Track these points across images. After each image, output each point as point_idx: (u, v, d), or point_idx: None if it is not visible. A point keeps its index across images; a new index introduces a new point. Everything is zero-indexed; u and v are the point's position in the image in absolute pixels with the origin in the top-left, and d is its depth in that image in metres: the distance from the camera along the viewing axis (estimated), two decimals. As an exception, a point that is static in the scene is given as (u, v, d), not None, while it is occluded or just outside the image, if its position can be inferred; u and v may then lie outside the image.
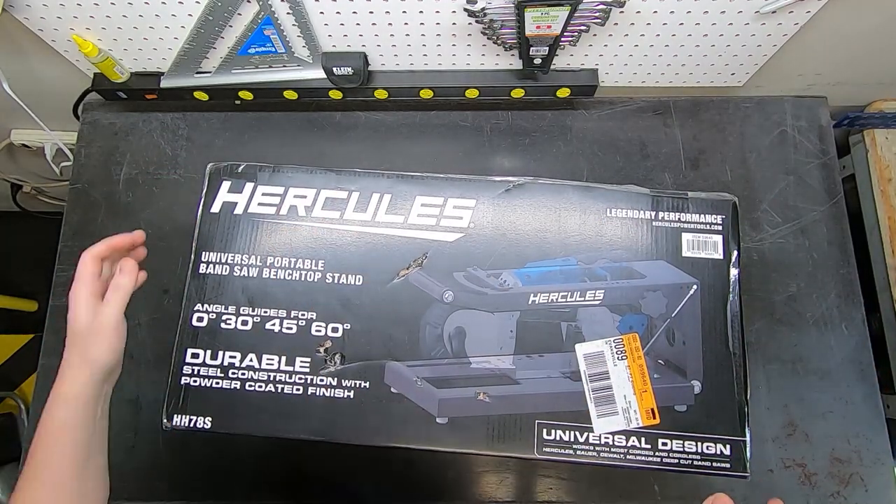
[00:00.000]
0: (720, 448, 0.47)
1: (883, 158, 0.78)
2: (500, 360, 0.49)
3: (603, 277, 0.50)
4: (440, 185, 0.52)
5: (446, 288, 0.49)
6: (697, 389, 0.48)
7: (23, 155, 0.98)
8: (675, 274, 0.50)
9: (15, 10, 0.58)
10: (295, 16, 0.59)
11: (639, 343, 0.49)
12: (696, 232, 0.51)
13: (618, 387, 0.48)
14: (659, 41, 0.63)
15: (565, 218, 0.51)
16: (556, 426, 0.47)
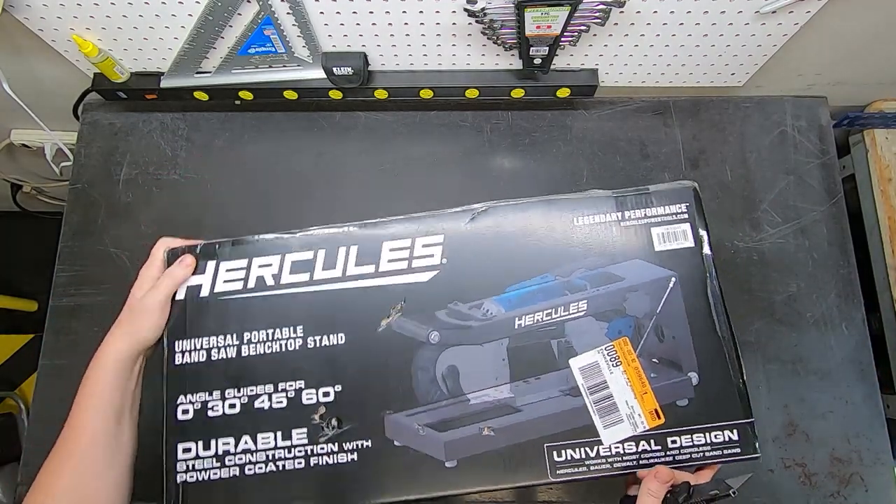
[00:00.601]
0: (728, 434, 0.46)
1: (883, 158, 0.78)
2: (498, 391, 0.48)
3: (583, 287, 0.49)
4: (405, 226, 0.50)
5: (431, 328, 0.48)
6: (695, 381, 0.47)
7: (23, 155, 0.98)
8: (652, 270, 0.50)
9: (15, 10, 0.58)
10: (295, 16, 0.59)
11: (630, 346, 0.48)
12: (664, 224, 0.51)
13: (618, 394, 0.47)
14: (659, 41, 0.63)
15: (534, 235, 0.50)
16: (566, 446, 0.47)
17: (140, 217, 0.73)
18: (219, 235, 0.71)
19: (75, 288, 0.70)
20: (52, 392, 0.67)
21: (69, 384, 0.67)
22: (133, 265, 0.71)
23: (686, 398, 0.47)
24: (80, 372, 0.67)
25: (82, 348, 0.68)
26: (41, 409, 0.67)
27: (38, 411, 0.67)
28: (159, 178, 0.74)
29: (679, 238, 0.51)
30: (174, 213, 0.73)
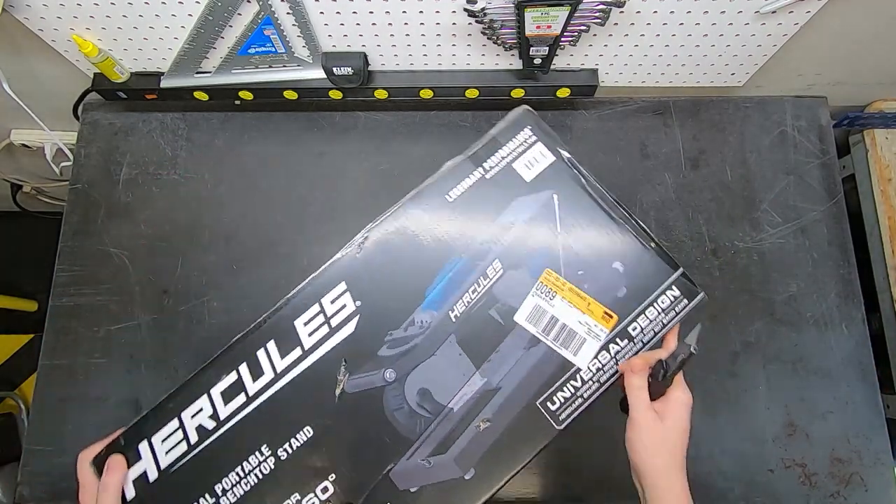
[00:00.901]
0: (670, 294, 0.49)
1: (883, 158, 0.78)
2: (471, 385, 0.48)
3: (487, 250, 0.50)
4: (305, 295, 0.49)
5: (382, 369, 0.48)
6: (621, 268, 0.49)
7: (23, 155, 0.98)
8: (534, 199, 0.50)
9: (15, 10, 0.58)
10: (295, 16, 0.59)
11: (554, 274, 0.49)
12: (521, 155, 0.52)
13: (569, 320, 0.49)
14: (659, 41, 0.63)
15: (422, 232, 0.50)
16: (554, 392, 0.48)
17: (140, 217, 0.73)
18: (218, 236, 0.72)
19: (75, 288, 0.70)
20: (52, 392, 0.67)
21: (69, 384, 0.67)
22: (133, 265, 0.71)
23: (622, 287, 0.49)
24: (81, 372, 0.68)
25: (82, 348, 0.68)
26: (41, 409, 0.67)
27: (38, 411, 0.67)
28: (159, 178, 0.74)
29: (540, 159, 0.52)
30: (174, 212, 0.73)
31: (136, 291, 0.70)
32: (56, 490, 0.64)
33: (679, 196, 0.73)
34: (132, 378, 0.67)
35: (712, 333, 0.69)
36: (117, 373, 0.67)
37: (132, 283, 0.70)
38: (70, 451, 0.65)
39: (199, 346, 0.68)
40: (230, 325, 0.69)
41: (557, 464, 0.65)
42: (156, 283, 0.70)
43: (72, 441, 0.65)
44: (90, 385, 0.67)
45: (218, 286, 0.70)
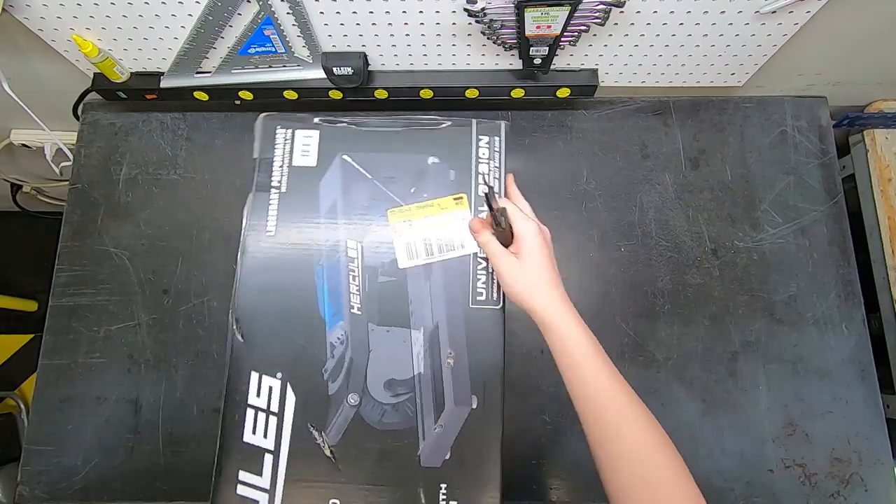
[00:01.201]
0: (483, 142, 0.54)
1: (883, 158, 0.78)
2: (416, 342, 0.49)
3: (334, 240, 0.51)
4: (233, 407, 0.48)
5: (343, 399, 0.48)
6: (437, 158, 0.53)
7: (23, 155, 0.98)
8: (332, 173, 0.52)
9: (15, 10, 0.58)
10: (295, 16, 0.59)
11: (396, 208, 0.51)
12: (293, 152, 0.53)
13: (435, 229, 0.51)
14: (659, 41, 0.63)
15: (275, 277, 0.50)
16: (474, 288, 0.50)
17: (140, 217, 0.73)
18: (217, 236, 0.72)
19: (75, 288, 0.70)
20: (52, 392, 0.67)
21: (69, 384, 0.67)
22: (133, 265, 0.71)
23: (448, 170, 0.53)
24: (81, 372, 0.68)
25: (82, 348, 0.68)
26: (41, 409, 0.67)
27: (38, 411, 0.67)
28: (159, 178, 0.74)
29: (309, 142, 0.54)
30: (174, 212, 0.73)
31: (136, 291, 0.70)
32: (56, 490, 0.64)
33: (679, 196, 0.73)
34: (132, 378, 0.67)
35: (712, 333, 0.69)
36: (117, 373, 0.67)
37: (132, 283, 0.70)
38: (70, 451, 0.65)
39: (199, 346, 0.68)
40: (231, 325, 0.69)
41: (558, 464, 0.65)
42: (156, 283, 0.70)
43: (72, 441, 0.65)
44: (90, 385, 0.67)
45: (218, 286, 0.70)
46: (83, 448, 0.65)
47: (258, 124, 0.53)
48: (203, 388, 0.67)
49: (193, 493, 0.64)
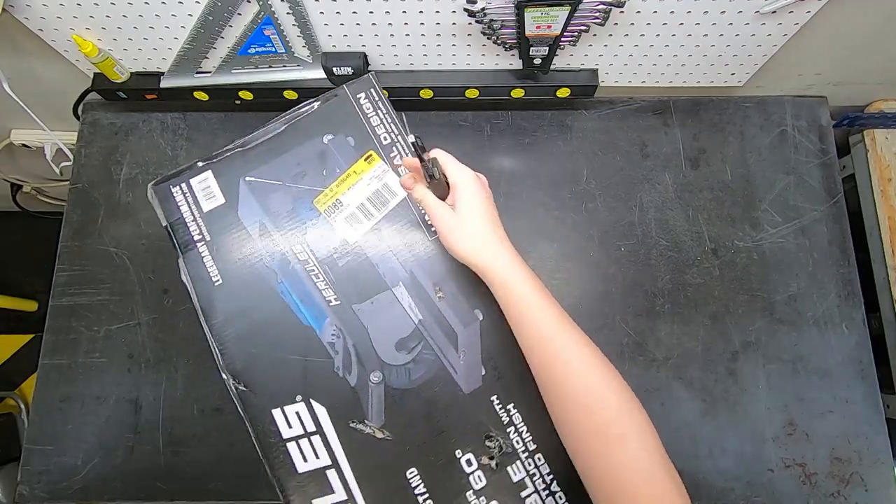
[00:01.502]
0: (362, 100, 0.55)
1: (883, 158, 0.78)
2: (402, 297, 0.50)
3: (278, 252, 0.51)
4: (273, 450, 0.48)
5: (368, 384, 0.48)
6: (330, 136, 0.55)
7: (23, 155, 0.98)
8: (244, 203, 0.53)
9: (15, 10, 0.58)
10: (295, 16, 0.59)
11: (320, 195, 0.52)
12: (196, 202, 0.54)
13: (362, 194, 0.53)
14: (659, 41, 0.63)
15: (243, 314, 0.51)
16: (424, 226, 0.53)
17: (140, 217, 0.73)
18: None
19: (75, 288, 0.70)
20: (52, 392, 0.67)
21: (69, 384, 0.67)
22: (133, 265, 0.71)
23: (346, 137, 0.55)
24: (81, 372, 0.68)
25: (82, 348, 0.68)
26: (41, 409, 0.67)
27: (38, 411, 0.67)
28: (159, 178, 0.74)
29: (207, 189, 0.54)
30: (174, 213, 0.73)
31: (136, 291, 0.70)
32: (56, 490, 0.64)
33: (679, 196, 0.73)
34: (132, 378, 0.67)
35: (712, 333, 0.69)
36: (117, 373, 0.67)
37: (132, 282, 0.70)
38: (70, 451, 0.65)
39: (199, 346, 0.68)
40: (230, 325, 0.69)
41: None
42: (156, 283, 0.70)
43: (72, 441, 0.65)
44: (90, 385, 0.67)
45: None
46: (83, 448, 0.65)
47: (151, 195, 0.52)
48: (203, 388, 0.67)
49: (193, 493, 0.64)
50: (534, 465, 0.47)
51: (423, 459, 0.47)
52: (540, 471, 0.47)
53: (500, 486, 0.46)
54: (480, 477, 0.46)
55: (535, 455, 0.47)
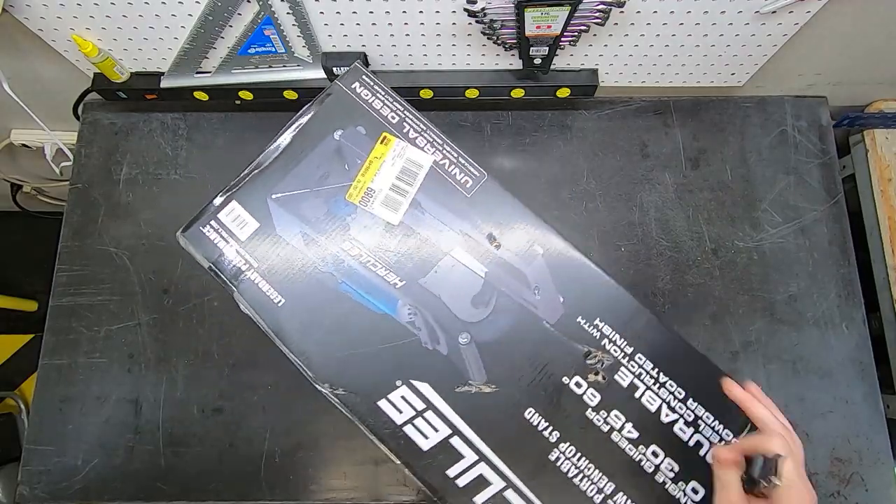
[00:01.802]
0: (353, 87, 0.54)
1: (883, 158, 0.78)
2: (463, 258, 0.51)
3: (331, 255, 0.51)
4: (395, 444, 0.49)
5: (458, 347, 0.49)
6: (339, 132, 0.54)
7: (23, 155, 0.98)
8: (279, 220, 0.52)
9: (15, 10, 0.58)
10: (295, 16, 0.59)
11: (350, 190, 0.52)
12: (228, 238, 0.52)
13: (389, 177, 0.52)
14: (659, 41, 0.63)
15: (317, 323, 0.51)
16: (455, 177, 0.53)
17: (140, 217, 0.73)
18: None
19: (75, 288, 0.70)
20: (52, 392, 0.67)
21: (69, 384, 0.67)
22: (133, 265, 0.71)
23: (356, 128, 0.54)
24: (81, 372, 0.68)
25: (82, 348, 0.68)
26: (41, 409, 0.67)
27: (38, 411, 0.67)
28: (159, 178, 0.74)
29: (241, 221, 0.53)
30: (174, 212, 0.73)
31: (137, 291, 0.70)
32: (56, 490, 0.64)
33: (679, 196, 0.73)
34: (132, 378, 0.67)
35: (712, 333, 0.69)
36: (117, 373, 0.67)
37: (132, 283, 0.70)
38: (70, 452, 0.65)
39: (199, 346, 0.68)
40: (230, 325, 0.69)
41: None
42: (156, 283, 0.70)
43: (72, 441, 0.66)
44: (90, 385, 0.67)
45: (218, 286, 0.69)
46: (83, 448, 0.65)
47: (184, 243, 0.52)
48: (203, 388, 0.67)
49: (193, 493, 0.64)
50: (637, 365, 0.49)
51: (534, 398, 0.48)
52: (644, 368, 0.49)
53: (614, 396, 0.48)
54: (593, 394, 0.48)
55: (635, 356, 0.49)
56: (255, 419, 0.66)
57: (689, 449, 0.47)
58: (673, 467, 0.47)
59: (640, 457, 0.47)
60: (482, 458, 0.47)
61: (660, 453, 0.47)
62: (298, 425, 0.66)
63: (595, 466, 0.47)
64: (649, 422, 0.48)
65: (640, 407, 0.48)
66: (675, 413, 0.48)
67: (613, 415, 0.48)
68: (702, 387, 0.48)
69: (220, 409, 0.66)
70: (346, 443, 0.65)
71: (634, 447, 0.47)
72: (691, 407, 0.48)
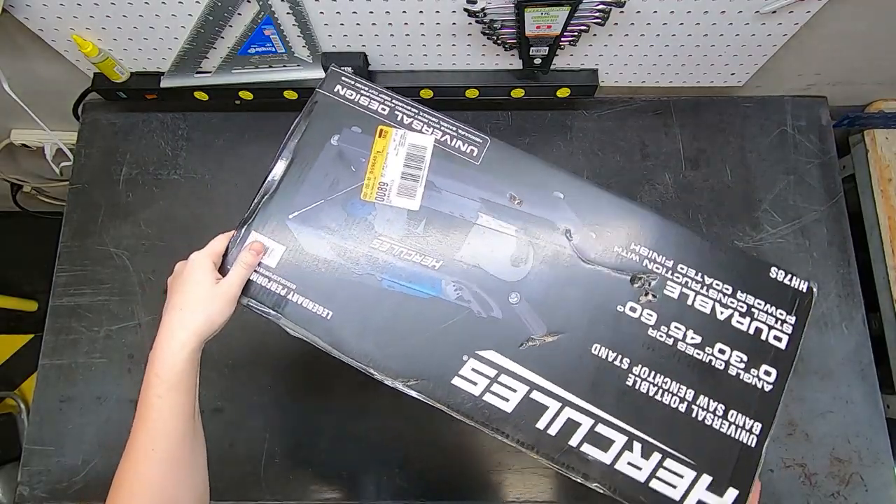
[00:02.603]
0: (334, 89, 0.54)
1: (883, 158, 0.78)
2: (486, 221, 0.52)
3: (363, 255, 0.51)
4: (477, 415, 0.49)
5: (512, 306, 0.50)
6: (335, 135, 0.54)
7: (23, 155, 0.98)
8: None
9: (15, 10, 0.58)
10: (295, 16, 0.59)
11: (362, 187, 0.52)
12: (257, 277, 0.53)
13: (397, 167, 0.53)
14: (659, 41, 0.63)
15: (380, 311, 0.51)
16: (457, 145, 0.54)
17: (140, 217, 0.73)
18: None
19: (75, 288, 0.70)
20: (52, 392, 0.67)
21: (69, 384, 0.67)
22: (133, 265, 0.71)
23: (352, 128, 0.54)
24: (81, 372, 0.68)
25: (82, 348, 0.68)
26: (41, 409, 0.67)
27: (38, 411, 0.67)
28: (159, 178, 0.74)
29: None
30: (174, 212, 0.73)
31: (136, 291, 0.70)
32: (56, 490, 0.64)
33: (679, 196, 0.73)
34: (132, 378, 0.67)
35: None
36: (117, 373, 0.67)
37: (132, 283, 0.70)
38: (70, 452, 0.65)
39: (199, 346, 0.68)
40: (230, 326, 0.69)
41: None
42: (156, 283, 0.70)
43: (72, 441, 0.65)
44: (90, 385, 0.67)
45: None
46: (83, 448, 0.65)
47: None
48: (203, 388, 0.66)
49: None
50: (681, 275, 0.50)
51: (596, 333, 0.50)
52: (689, 276, 0.51)
53: (668, 310, 0.50)
54: (649, 314, 0.50)
55: (677, 267, 0.51)
56: (255, 419, 0.66)
57: (751, 337, 0.49)
58: (741, 358, 0.49)
59: (710, 357, 0.49)
60: (565, 403, 0.48)
61: (725, 349, 0.49)
62: (298, 425, 0.66)
63: (671, 379, 0.49)
64: (708, 323, 0.50)
65: (695, 312, 0.50)
66: (728, 308, 0.50)
67: (674, 327, 0.49)
68: (744, 278, 0.50)
69: (220, 409, 0.66)
70: (346, 443, 0.65)
71: (701, 350, 0.49)
72: (741, 298, 0.50)
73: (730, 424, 0.48)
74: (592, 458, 0.48)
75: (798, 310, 0.50)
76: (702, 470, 0.47)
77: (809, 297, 0.51)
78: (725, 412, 0.48)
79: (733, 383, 0.49)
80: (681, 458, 0.48)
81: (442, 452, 0.65)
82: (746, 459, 0.48)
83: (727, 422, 0.48)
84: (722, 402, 0.48)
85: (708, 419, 0.48)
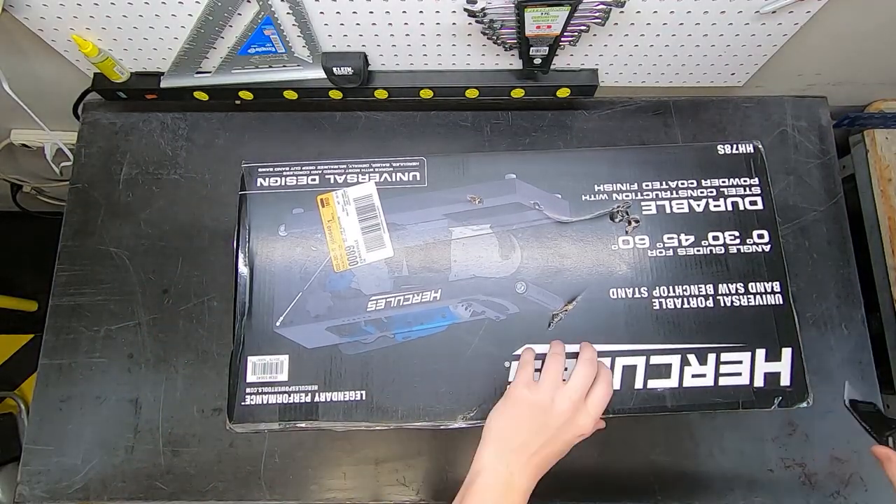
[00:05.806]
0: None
1: (883, 158, 0.78)
2: (460, 232, 0.53)
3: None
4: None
5: (516, 292, 0.51)
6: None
7: (23, 155, 0.98)
8: None
9: (15, 10, 0.58)
10: (295, 16, 0.59)
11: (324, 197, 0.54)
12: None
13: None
14: (659, 41, 0.63)
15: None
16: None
17: (140, 217, 0.73)
18: (217, 236, 0.72)
19: (75, 288, 0.70)
20: (52, 392, 0.67)
21: (69, 384, 0.67)
22: (133, 265, 0.71)
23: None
24: (81, 372, 0.68)
25: (82, 348, 0.68)
26: (41, 409, 0.67)
27: (38, 411, 0.67)
28: (159, 178, 0.74)
29: None
30: (174, 212, 0.73)
31: (137, 291, 0.70)
32: (56, 490, 0.64)
33: (679, 196, 0.73)
34: (132, 378, 0.67)
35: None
36: (117, 373, 0.67)
37: (132, 283, 0.70)
38: (70, 451, 0.65)
39: (199, 346, 0.68)
40: (230, 325, 0.69)
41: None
42: (156, 283, 0.70)
43: (72, 441, 0.66)
44: (90, 385, 0.67)
45: (218, 286, 0.70)
46: (83, 448, 0.65)
47: (243, 428, 0.53)
48: (203, 388, 0.67)
49: (193, 494, 0.64)
50: (649, 191, 0.53)
51: (606, 280, 0.52)
52: (654, 189, 0.54)
53: (654, 226, 0.53)
54: (641, 239, 0.52)
55: (642, 186, 0.54)
56: (255, 419, 0.66)
57: (731, 213, 0.53)
58: (734, 235, 0.53)
59: (709, 248, 0.52)
60: (613, 356, 0.50)
61: (718, 234, 0.52)
62: (298, 425, 0.66)
63: (688, 285, 0.51)
64: (692, 220, 0.53)
65: (676, 217, 0.53)
66: (701, 199, 0.53)
67: (666, 239, 0.52)
68: (700, 166, 0.54)
69: (219, 409, 0.66)
70: (346, 443, 0.65)
71: (699, 246, 0.52)
72: (707, 185, 0.53)
73: (754, 295, 0.51)
74: (661, 388, 0.49)
75: (756, 170, 0.54)
76: (754, 346, 0.50)
77: (759, 154, 0.54)
78: (745, 287, 0.52)
79: (738, 260, 0.52)
80: (732, 346, 0.50)
81: (446, 452, 0.65)
82: (783, 317, 0.51)
83: (751, 294, 0.51)
84: (738, 281, 0.52)
85: (735, 301, 0.51)
